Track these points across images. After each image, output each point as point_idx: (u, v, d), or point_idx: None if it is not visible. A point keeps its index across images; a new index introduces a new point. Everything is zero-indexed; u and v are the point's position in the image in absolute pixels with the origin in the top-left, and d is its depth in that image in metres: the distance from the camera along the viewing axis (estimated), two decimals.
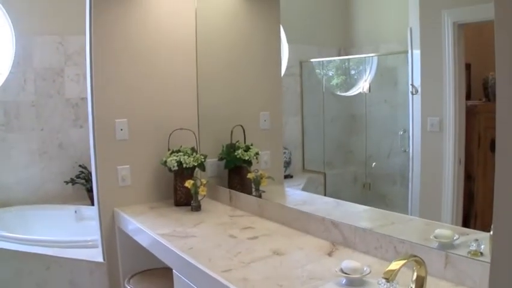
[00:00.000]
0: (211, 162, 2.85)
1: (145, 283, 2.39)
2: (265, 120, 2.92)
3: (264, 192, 2.54)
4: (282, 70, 2.92)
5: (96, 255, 2.79)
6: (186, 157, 2.59)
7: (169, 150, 2.70)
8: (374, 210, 2.23)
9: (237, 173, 2.72)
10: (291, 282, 1.59)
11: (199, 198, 2.57)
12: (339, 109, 2.97)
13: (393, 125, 2.48)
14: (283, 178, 2.92)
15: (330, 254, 1.84)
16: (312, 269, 1.68)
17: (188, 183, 2.52)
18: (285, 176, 2.96)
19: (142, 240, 2.34)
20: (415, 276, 1.37)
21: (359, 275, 1.51)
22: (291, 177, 3.00)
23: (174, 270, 1.96)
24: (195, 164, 2.61)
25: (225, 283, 1.59)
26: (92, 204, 3.75)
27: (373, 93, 2.63)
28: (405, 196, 2.18)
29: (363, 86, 2.68)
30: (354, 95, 2.77)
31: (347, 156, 2.91)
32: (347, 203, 2.37)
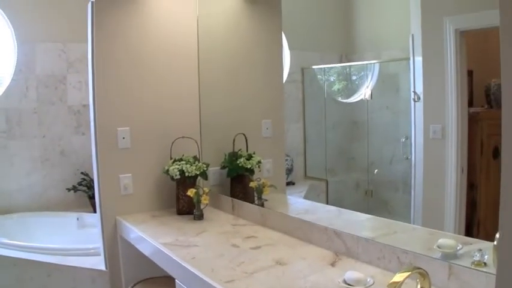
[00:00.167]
0: (213, 170, 2.84)
1: None
2: (267, 128, 2.92)
3: (267, 200, 2.54)
4: (284, 77, 2.92)
5: (98, 263, 2.79)
6: (188, 166, 2.59)
7: (171, 158, 2.70)
8: (377, 219, 2.22)
9: (240, 182, 2.72)
10: None
11: (201, 207, 2.56)
12: (341, 116, 2.97)
13: (395, 132, 2.47)
14: (285, 186, 2.92)
15: (333, 264, 1.83)
16: (315, 280, 1.67)
17: (190, 192, 2.52)
18: (287, 183, 2.95)
19: (144, 249, 2.34)
20: None
21: (362, 287, 1.50)
22: (293, 184, 3.00)
23: (177, 280, 1.96)
24: (198, 173, 2.61)
25: None
26: (94, 211, 3.76)
27: (375, 99, 2.63)
28: (407, 203, 2.17)
29: (365, 93, 2.68)
30: (356, 102, 2.77)
31: (349, 162, 2.91)
32: (349, 212, 2.35)
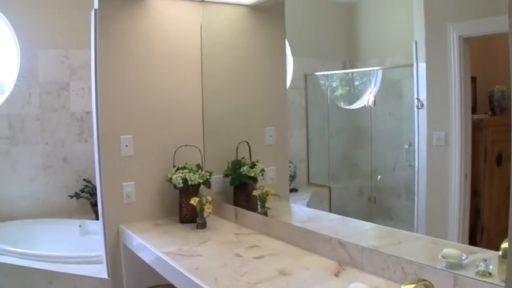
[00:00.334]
0: (216, 178, 2.84)
1: None
2: (270, 135, 2.92)
3: (270, 209, 2.53)
4: (287, 83, 2.92)
5: (100, 271, 2.78)
6: (192, 174, 2.58)
7: (174, 167, 2.69)
8: (381, 227, 2.22)
9: (243, 190, 2.71)
10: None
11: (204, 215, 2.56)
12: (344, 122, 2.96)
13: (398, 139, 2.47)
14: (288, 193, 2.91)
15: (337, 275, 1.82)
16: None
17: (194, 200, 2.51)
18: (290, 190, 2.95)
19: (147, 258, 2.33)
20: None
21: None
22: (296, 191, 2.99)
23: None
24: (201, 181, 2.60)
25: None
26: (97, 218, 3.75)
27: (378, 106, 2.63)
28: (411, 210, 2.16)
29: (368, 99, 2.67)
30: (359, 108, 2.77)
31: (352, 169, 2.91)
32: (353, 220, 2.35)
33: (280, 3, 2.82)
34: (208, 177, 2.64)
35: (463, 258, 1.58)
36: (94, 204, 4.06)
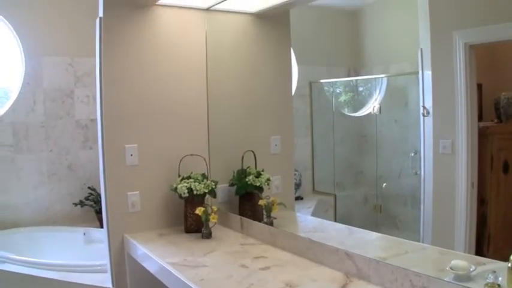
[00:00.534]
0: (221, 187, 2.82)
1: None
2: (276, 144, 2.91)
3: (275, 218, 2.51)
4: (292, 91, 2.91)
5: (105, 280, 2.77)
6: (197, 184, 2.57)
7: (179, 176, 2.68)
8: (387, 237, 2.20)
9: (248, 199, 2.69)
10: None
11: (210, 225, 2.54)
12: (349, 129, 2.96)
13: (404, 146, 2.46)
14: (294, 202, 2.90)
15: (344, 287, 1.80)
16: None
17: (199, 210, 2.49)
18: (295, 198, 2.94)
19: (152, 268, 2.32)
20: None
21: None
22: (301, 199, 2.98)
23: None
24: (206, 191, 2.58)
25: None
26: (101, 226, 3.75)
27: (383, 113, 2.62)
28: (417, 218, 2.15)
29: (373, 107, 2.67)
30: (364, 116, 2.76)
31: (357, 177, 2.90)
32: (359, 230, 2.34)
33: (285, 11, 2.82)
34: (213, 186, 2.63)
35: (472, 269, 1.56)
36: (98, 212, 4.05)
